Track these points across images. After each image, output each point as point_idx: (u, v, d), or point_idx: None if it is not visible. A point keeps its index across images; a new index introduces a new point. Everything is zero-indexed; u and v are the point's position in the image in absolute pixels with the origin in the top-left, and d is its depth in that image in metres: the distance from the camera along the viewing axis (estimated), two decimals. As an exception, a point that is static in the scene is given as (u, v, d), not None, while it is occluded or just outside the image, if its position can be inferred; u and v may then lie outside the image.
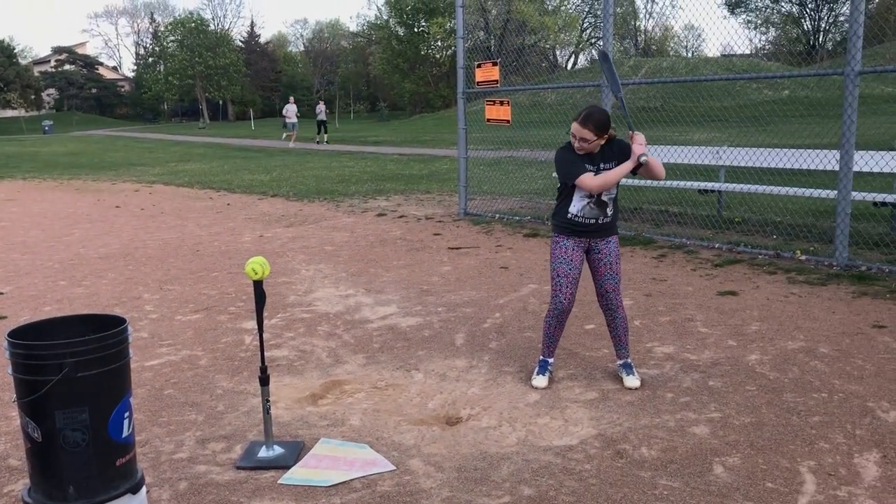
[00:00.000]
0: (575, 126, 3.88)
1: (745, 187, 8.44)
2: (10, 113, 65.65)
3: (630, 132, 3.97)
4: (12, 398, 3.86)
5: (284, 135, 30.73)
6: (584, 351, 4.67)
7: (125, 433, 2.24)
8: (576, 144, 3.92)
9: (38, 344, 2.11)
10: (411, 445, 3.49)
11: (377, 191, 13.05)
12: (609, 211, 4.02)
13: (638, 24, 59.42)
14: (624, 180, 9.19)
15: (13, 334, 2.17)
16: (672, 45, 65.07)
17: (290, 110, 30.78)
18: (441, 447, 3.46)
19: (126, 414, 2.23)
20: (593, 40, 58.50)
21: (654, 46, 63.04)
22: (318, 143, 28.73)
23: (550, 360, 4.24)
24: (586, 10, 56.14)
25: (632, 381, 4.08)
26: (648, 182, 9.24)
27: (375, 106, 70.13)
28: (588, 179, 3.90)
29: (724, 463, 3.20)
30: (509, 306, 5.69)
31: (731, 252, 7.14)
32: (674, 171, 10.36)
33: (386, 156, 21.82)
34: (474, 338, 4.99)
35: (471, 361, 4.55)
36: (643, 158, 3.86)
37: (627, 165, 3.91)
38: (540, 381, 4.14)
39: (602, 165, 3.95)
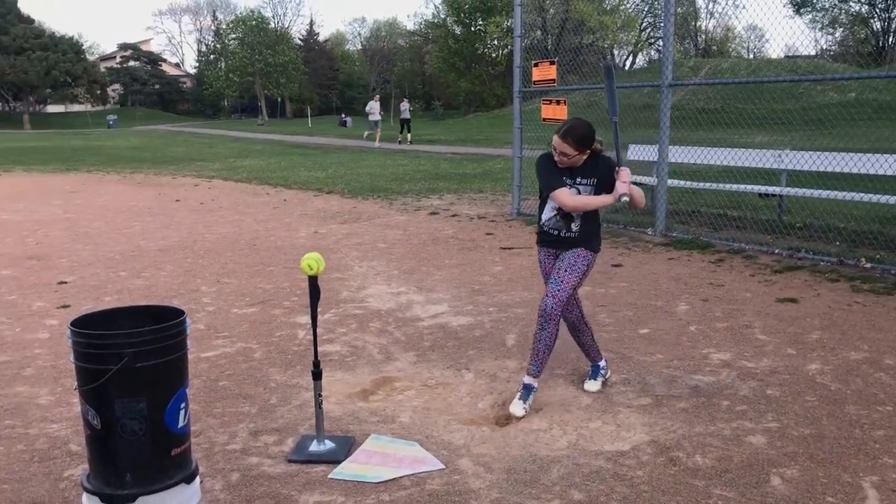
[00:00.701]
0: (555, 139, 3.72)
1: (808, 192, 8.21)
2: (77, 107, 67.75)
3: (616, 168, 3.72)
4: (73, 385, 3.97)
5: (366, 133, 28.04)
6: (638, 355, 4.60)
7: (181, 423, 2.28)
8: (556, 157, 3.78)
9: (99, 333, 2.16)
10: (461, 445, 3.48)
11: (430, 189, 13.08)
12: (574, 226, 3.85)
13: (698, 24, 58.41)
14: (677, 181, 9.03)
15: (76, 323, 2.22)
16: (733, 45, 63.78)
17: (374, 107, 27.98)
18: (491, 448, 3.44)
19: (182, 405, 2.27)
20: (652, 40, 57.73)
21: (714, 47, 61.89)
22: (399, 142, 26.83)
23: (601, 364, 4.20)
24: (645, 9, 55.42)
25: (590, 385, 4.06)
26: (706, 184, 9.06)
27: (430, 104, 70.33)
28: (563, 196, 3.76)
29: (782, 475, 3.12)
30: (562, 308, 5.63)
31: (792, 258, 6.96)
32: (733, 174, 10.14)
33: (440, 154, 21.86)
34: (526, 339, 4.96)
35: (521, 363, 4.52)
36: (624, 199, 3.65)
37: (606, 199, 3.73)
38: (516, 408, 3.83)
39: (579, 180, 3.79)
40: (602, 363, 4.21)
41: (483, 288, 6.27)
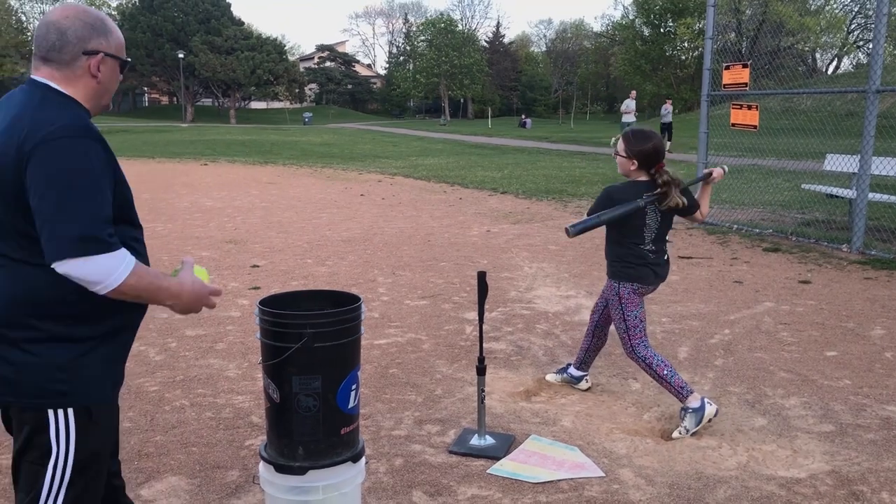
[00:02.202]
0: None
1: None
2: (276, 104, 72.71)
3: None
4: (258, 361, 4.27)
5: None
6: (822, 379, 4.29)
7: (351, 404, 2.39)
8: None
9: (283, 313, 2.31)
10: (622, 455, 3.40)
11: (608, 193, 12.84)
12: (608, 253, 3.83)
13: (916, 24, 53.42)
14: (880, 195, 8.29)
15: (264, 303, 2.39)
16: (957, 48, 57.75)
17: (630, 106, 23.92)
18: (654, 461, 3.34)
19: (353, 386, 2.38)
20: (860, 43, 53.42)
21: (934, 50, 56.32)
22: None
23: (574, 372, 4.19)
24: (855, 9, 51.34)
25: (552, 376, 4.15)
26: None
27: (613, 106, 69.07)
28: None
29: None
30: (740, 323, 5.36)
31: None
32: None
33: (620, 158, 21.40)
34: (699, 352, 4.76)
35: (693, 377, 4.35)
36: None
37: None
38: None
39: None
40: (576, 373, 4.12)
41: (657, 297, 6.08)
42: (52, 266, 1.76)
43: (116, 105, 64.11)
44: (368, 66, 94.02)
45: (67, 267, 1.76)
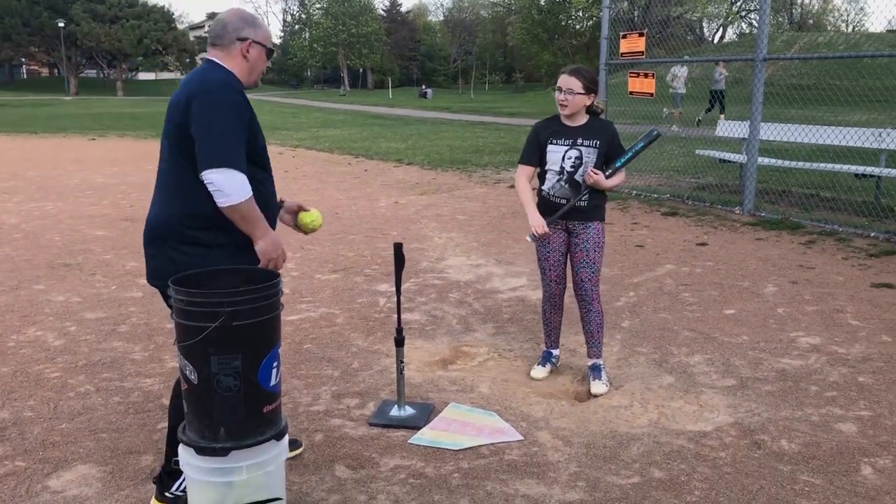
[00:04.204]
0: (562, 78, 3.63)
1: (909, 173, 7.82)
2: (167, 75, 69.84)
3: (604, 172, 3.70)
4: (171, 342, 4.14)
5: (667, 111, 18.77)
6: (723, 336, 4.50)
7: (273, 382, 2.35)
8: (559, 97, 3.64)
9: (200, 292, 2.23)
10: (539, 418, 3.48)
11: (510, 162, 13.00)
12: (584, 197, 3.69)
13: (794, -5, 56.01)
14: (767, 160, 8.72)
15: (177, 282, 2.30)
16: (831, 19, 60.96)
17: (680, 74, 19.07)
18: (570, 422, 3.43)
19: (274, 364, 2.34)
20: (743, 13, 55.64)
21: (810, 20, 59.25)
22: (699, 122, 17.58)
23: (553, 352, 4.05)
24: (739, -20, 53.37)
25: (597, 387, 3.73)
26: (798, 163, 8.74)
27: (511, 77, 69.69)
28: (518, 176, 3.81)
29: (874, 464, 3.01)
30: (644, 286, 5.56)
31: (889, 242, 6.66)
32: (826, 153, 9.75)
33: (520, 127, 21.68)
34: (607, 315, 4.90)
35: (603, 339, 4.47)
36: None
37: (610, 182, 3.69)
38: (537, 371, 3.95)
39: (581, 141, 3.66)
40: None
41: (563, 262, 6.22)
42: (201, 175, 2.44)
43: (-9, 77, 60.20)
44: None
45: (211, 175, 2.42)
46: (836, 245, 6.66)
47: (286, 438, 2.44)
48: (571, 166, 3.69)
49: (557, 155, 3.70)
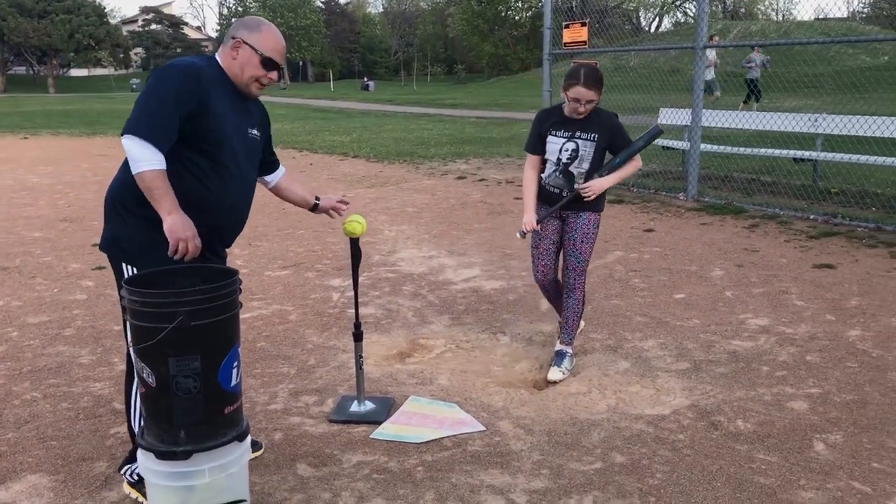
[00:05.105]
0: (579, 91, 3.52)
1: (844, 156, 8.06)
2: (100, 71, 67.87)
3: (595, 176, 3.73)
4: (120, 344, 4.01)
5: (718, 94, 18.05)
6: (674, 320, 4.58)
7: (233, 382, 2.29)
8: (580, 109, 3.59)
9: (155, 292, 2.17)
10: (500, 407, 3.49)
11: (456, 154, 13.01)
12: (577, 185, 3.72)
13: (727, -15, 57.23)
14: (709, 146, 8.89)
15: (130, 282, 2.23)
16: (762, 7, 62.50)
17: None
18: (530, 410, 3.45)
19: (234, 363, 2.28)
20: (678, 2, 56.66)
21: (742, 9, 60.66)
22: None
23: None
24: (673, -30, 54.29)
25: (553, 373, 3.77)
26: (739, 149, 8.93)
27: (453, 68, 69.70)
28: (526, 166, 3.89)
29: (826, 440, 3.10)
30: (595, 273, 5.61)
31: (828, 223, 6.86)
32: (765, 138, 9.99)
33: (464, 118, 21.72)
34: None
35: (556, 326, 4.51)
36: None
37: (611, 179, 3.72)
38: (554, 373, 3.80)
39: (579, 134, 3.68)
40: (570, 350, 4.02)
41: (515, 252, 6.25)
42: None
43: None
44: (198, 28, 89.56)
45: (123, 141, 2.51)
46: (778, 228, 6.83)
47: (248, 439, 2.39)
48: (568, 158, 3.73)
49: (556, 146, 3.74)
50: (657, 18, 59.67)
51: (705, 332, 4.36)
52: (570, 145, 3.70)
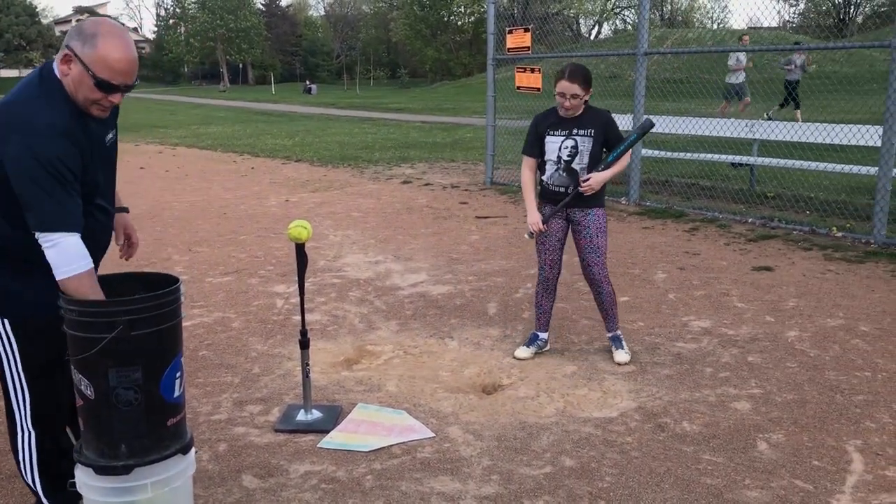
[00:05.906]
0: (563, 84, 3.71)
1: (779, 161, 8.29)
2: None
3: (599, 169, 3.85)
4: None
5: (768, 114, 15.14)
6: (620, 323, 4.61)
7: (176, 393, 2.22)
8: (566, 104, 3.76)
9: (93, 301, 2.08)
10: (449, 413, 3.47)
11: (401, 158, 12.96)
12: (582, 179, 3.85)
13: (664, -7, 58.47)
14: (649, 151, 9.04)
15: (66, 291, 2.14)
16: (698, 16, 64.00)
17: (740, 62, 16.44)
18: (479, 415, 3.43)
19: (178, 374, 2.21)
20: (618, 10, 57.64)
21: (679, 17, 62.05)
22: (769, 116, 14.14)
23: (541, 335, 4.16)
24: (613, -23, 55.23)
25: (620, 355, 4.00)
26: (677, 154, 9.11)
27: (396, 73, 69.61)
28: (523, 168, 4.00)
29: (768, 440, 3.16)
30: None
31: (765, 227, 7.04)
32: (703, 144, 10.20)
33: (408, 123, 21.68)
34: (507, 307, 4.95)
35: (504, 331, 4.52)
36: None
37: (606, 174, 3.84)
38: (521, 351, 4.10)
39: (576, 131, 3.82)
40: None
41: (461, 257, 6.25)
42: None
43: None
44: (135, 29, 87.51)
45: (59, 238, 2.13)
46: (718, 231, 6.98)
47: (192, 452, 2.32)
48: (568, 155, 3.84)
49: (555, 145, 3.86)
50: (597, 25, 60.62)
51: (650, 335, 4.41)
52: (569, 142, 3.83)
